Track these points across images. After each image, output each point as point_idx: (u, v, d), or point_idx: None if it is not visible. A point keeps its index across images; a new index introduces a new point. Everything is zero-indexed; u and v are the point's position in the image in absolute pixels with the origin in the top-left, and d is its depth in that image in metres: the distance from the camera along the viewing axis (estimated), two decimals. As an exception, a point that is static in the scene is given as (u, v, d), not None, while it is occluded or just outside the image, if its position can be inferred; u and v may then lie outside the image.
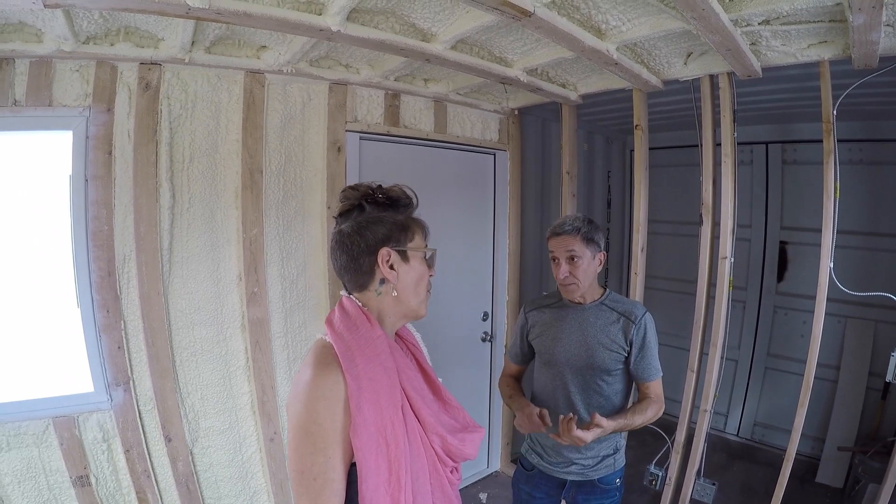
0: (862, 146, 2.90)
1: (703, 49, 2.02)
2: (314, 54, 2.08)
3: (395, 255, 1.01)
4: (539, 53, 2.07)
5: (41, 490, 1.84)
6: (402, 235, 1.03)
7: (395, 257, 1.02)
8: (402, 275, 1.03)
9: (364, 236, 1.00)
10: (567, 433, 1.41)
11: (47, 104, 1.76)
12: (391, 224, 1.02)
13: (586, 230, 1.61)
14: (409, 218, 1.07)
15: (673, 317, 3.29)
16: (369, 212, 1.02)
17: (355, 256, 1.01)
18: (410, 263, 1.04)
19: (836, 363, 2.98)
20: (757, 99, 2.56)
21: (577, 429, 1.40)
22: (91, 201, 1.85)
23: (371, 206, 1.03)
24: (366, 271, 1.02)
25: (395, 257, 1.01)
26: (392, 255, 1.01)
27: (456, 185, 2.94)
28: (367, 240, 1.00)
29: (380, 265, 1.01)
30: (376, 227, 1.01)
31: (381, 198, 1.04)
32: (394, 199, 1.05)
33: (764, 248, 3.33)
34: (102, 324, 1.90)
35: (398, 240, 1.02)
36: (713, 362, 2.24)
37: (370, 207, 1.03)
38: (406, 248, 1.03)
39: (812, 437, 3.06)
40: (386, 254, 1.00)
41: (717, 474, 3.04)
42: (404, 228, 1.04)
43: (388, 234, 1.01)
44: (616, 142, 4.04)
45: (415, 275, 1.05)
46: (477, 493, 3.09)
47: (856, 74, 1.88)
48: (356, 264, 1.01)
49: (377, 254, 1.00)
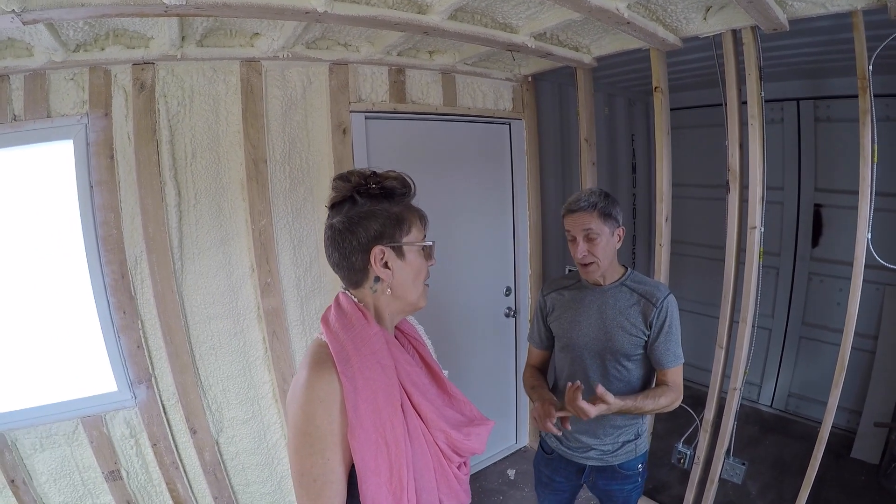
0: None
1: (723, 2, 1.85)
2: (309, 36, 2.00)
3: (390, 251, 0.96)
4: (545, 16, 1.93)
5: (76, 486, 1.92)
6: (396, 230, 0.97)
7: (390, 254, 0.96)
8: (397, 272, 0.98)
9: (356, 233, 0.95)
10: (571, 402, 1.35)
11: (45, 116, 1.75)
12: (385, 218, 0.96)
13: (603, 205, 1.51)
14: (405, 208, 1.00)
15: (702, 284, 3.18)
16: (361, 204, 0.96)
17: (347, 255, 0.96)
18: (407, 258, 0.99)
19: (874, 332, 2.81)
20: (784, 53, 2.35)
21: (581, 399, 1.34)
22: (98, 207, 1.86)
23: (364, 197, 0.96)
24: (359, 269, 0.97)
25: (389, 254, 0.96)
26: (386, 252, 0.96)
27: (471, 159, 2.84)
28: (358, 237, 0.95)
29: (373, 265, 0.96)
30: (369, 223, 0.95)
31: (375, 188, 0.97)
32: (388, 189, 0.98)
33: (798, 211, 3.13)
34: (120, 325, 1.93)
35: (392, 235, 0.96)
36: (743, 338, 2.14)
37: (362, 199, 0.96)
38: (401, 243, 0.97)
39: (848, 410, 2.94)
40: (379, 252, 0.95)
41: (749, 448, 2.98)
42: (399, 222, 0.97)
43: (382, 231, 0.96)
44: (639, 103, 3.83)
45: (411, 270, 1.00)
46: (505, 469, 3.11)
47: (892, 25, 1.68)
48: (349, 262, 0.97)
49: (370, 252, 0.95)
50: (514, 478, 3.03)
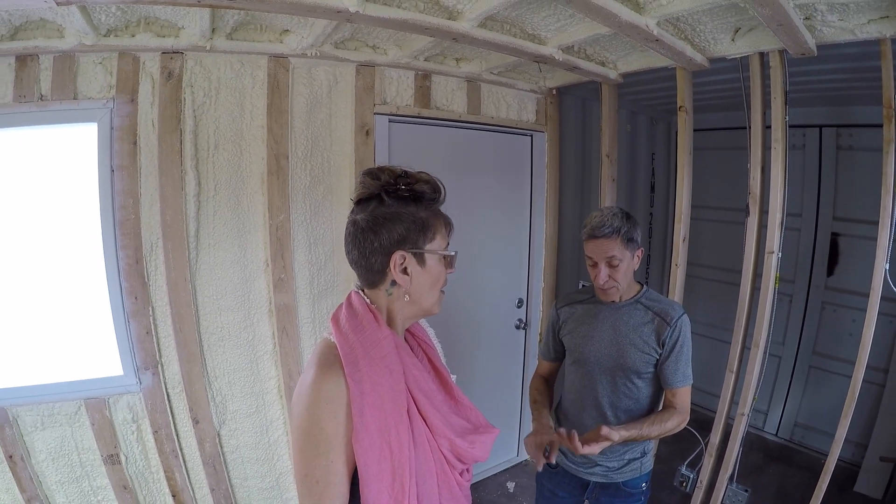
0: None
1: (751, 24, 1.85)
2: (338, 36, 2.01)
3: (411, 257, 0.95)
4: (574, 30, 1.94)
5: (73, 467, 1.92)
6: (420, 236, 0.95)
7: (410, 260, 0.95)
8: (415, 278, 0.96)
9: (378, 234, 0.93)
10: (575, 451, 1.33)
11: (72, 97, 1.77)
12: (410, 223, 0.94)
13: (626, 230, 1.50)
14: (432, 214, 0.98)
15: (714, 308, 3.15)
16: (388, 204, 0.94)
17: (367, 255, 0.95)
18: (427, 265, 0.97)
19: (884, 366, 2.77)
20: (810, 79, 2.35)
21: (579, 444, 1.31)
22: (117, 191, 1.87)
23: (391, 198, 0.94)
24: (377, 271, 0.96)
25: (409, 260, 0.95)
26: (407, 258, 0.94)
27: (491, 168, 2.84)
28: (381, 239, 0.93)
29: (392, 269, 0.94)
30: (393, 226, 0.93)
31: (404, 190, 0.95)
32: (418, 193, 0.96)
33: (815, 239, 3.10)
34: (131, 310, 1.94)
35: (415, 241, 0.95)
36: (754, 363, 2.11)
37: (390, 199, 0.94)
38: (423, 250, 0.96)
39: (854, 443, 2.88)
40: (400, 258, 0.94)
41: (753, 476, 2.93)
42: (424, 228, 0.96)
43: (405, 235, 0.94)
44: (661, 122, 3.83)
45: (430, 278, 0.98)
46: (505, 481, 3.08)
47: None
48: (367, 262, 0.96)
49: (391, 256, 0.94)
50: (513, 490, 3.00)
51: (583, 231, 1.57)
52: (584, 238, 1.56)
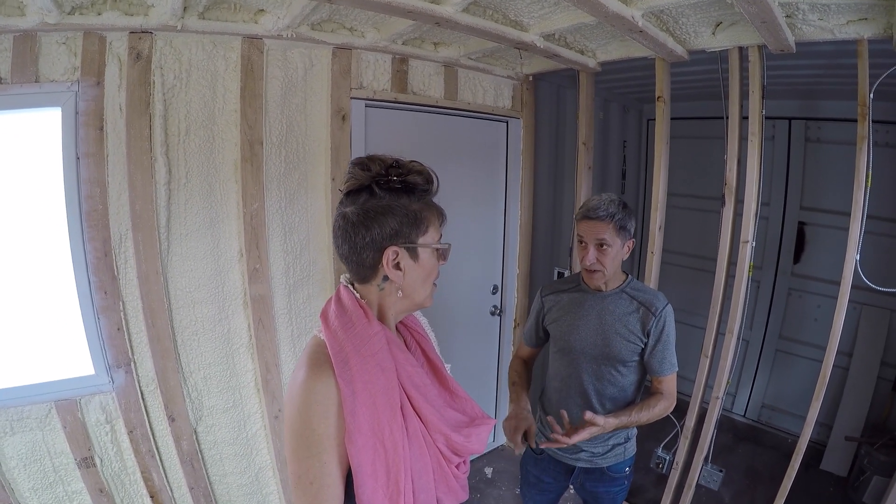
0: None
1: (733, 19, 1.87)
2: (316, 17, 1.94)
3: (403, 252, 0.92)
4: (558, 18, 1.92)
5: (46, 472, 1.83)
6: (413, 230, 0.92)
7: (403, 255, 0.92)
8: (408, 273, 0.94)
9: (370, 229, 0.89)
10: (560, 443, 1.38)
11: (34, 80, 1.64)
12: (403, 216, 0.91)
13: (620, 217, 1.51)
14: (424, 206, 0.94)
15: (685, 294, 3.22)
16: (380, 197, 0.90)
17: (357, 250, 0.91)
18: (420, 260, 0.95)
19: (848, 350, 2.91)
20: (783, 73, 2.40)
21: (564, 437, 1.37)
22: (84, 180, 1.75)
23: (382, 189, 0.90)
24: (369, 266, 0.93)
25: (402, 255, 0.92)
26: (400, 253, 0.91)
27: (467, 154, 2.82)
28: (372, 233, 0.89)
29: (384, 265, 0.91)
30: (385, 220, 0.89)
31: (396, 181, 0.91)
32: (410, 184, 0.92)
33: (782, 227, 3.22)
34: (100, 305, 1.84)
35: (408, 235, 0.92)
36: (728, 348, 2.18)
37: (381, 192, 0.90)
38: (417, 244, 0.93)
39: (819, 423, 3.01)
40: (392, 254, 0.91)
41: (723, 456, 3.05)
42: (417, 221, 0.92)
43: (398, 230, 0.90)
44: (633, 110, 3.87)
45: (423, 272, 0.96)
46: (482, 467, 3.11)
47: (893, 55, 1.73)
48: (358, 257, 0.92)
49: (383, 251, 0.90)
50: (491, 476, 3.04)
51: (577, 211, 1.58)
52: (577, 218, 1.58)
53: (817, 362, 2.03)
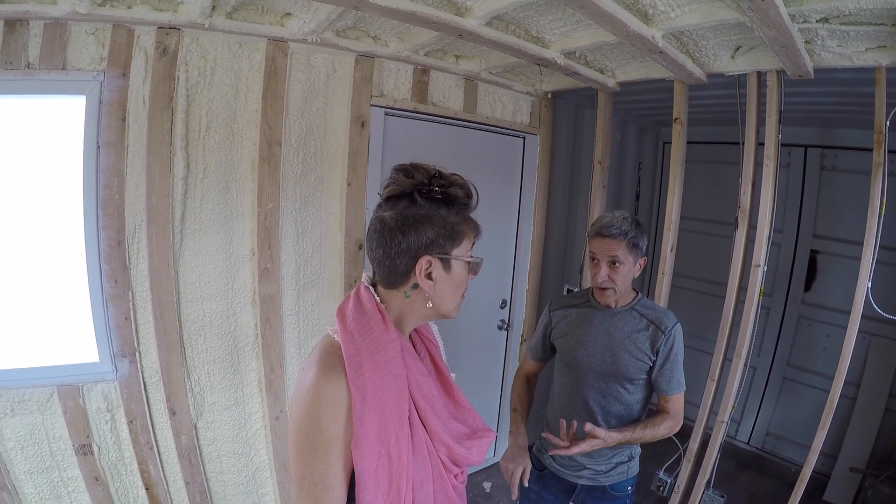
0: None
1: (752, 43, 1.89)
2: (341, 24, 1.97)
3: (437, 262, 0.92)
4: (579, 35, 1.94)
5: (44, 456, 1.83)
6: (449, 241, 0.92)
7: (437, 265, 0.92)
8: (439, 283, 0.93)
9: (407, 236, 0.89)
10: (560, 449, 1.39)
11: (61, 68, 1.68)
12: (441, 227, 0.91)
13: (633, 235, 1.51)
14: (462, 220, 0.95)
15: (694, 318, 3.18)
16: (420, 205, 0.90)
17: (392, 255, 0.91)
18: (452, 271, 0.94)
19: (856, 380, 2.87)
20: (800, 100, 2.40)
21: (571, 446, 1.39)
22: (102, 169, 1.78)
23: (423, 198, 0.91)
24: (401, 273, 0.92)
25: (435, 265, 0.92)
26: (433, 263, 0.91)
27: (483, 168, 2.83)
28: (409, 241, 0.89)
29: (417, 274, 0.91)
30: (423, 229, 0.89)
31: (437, 192, 0.91)
32: (451, 196, 0.92)
33: (794, 255, 3.19)
34: (110, 294, 1.85)
35: (443, 246, 0.92)
36: (735, 373, 2.16)
37: (422, 200, 0.91)
38: (451, 255, 0.93)
39: (824, 453, 2.95)
40: (426, 263, 0.91)
41: (725, 483, 3.00)
42: (454, 233, 0.93)
43: (434, 240, 0.90)
44: (649, 133, 3.88)
45: (453, 283, 0.96)
46: (481, 481, 3.08)
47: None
48: (391, 263, 0.92)
49: (417, 259, 0.90)
50: (489, 491, 3.00)
51: (590, 228, 1.58)
52: (590, 235, 1.57)
53: (824, 392, 2.01)
